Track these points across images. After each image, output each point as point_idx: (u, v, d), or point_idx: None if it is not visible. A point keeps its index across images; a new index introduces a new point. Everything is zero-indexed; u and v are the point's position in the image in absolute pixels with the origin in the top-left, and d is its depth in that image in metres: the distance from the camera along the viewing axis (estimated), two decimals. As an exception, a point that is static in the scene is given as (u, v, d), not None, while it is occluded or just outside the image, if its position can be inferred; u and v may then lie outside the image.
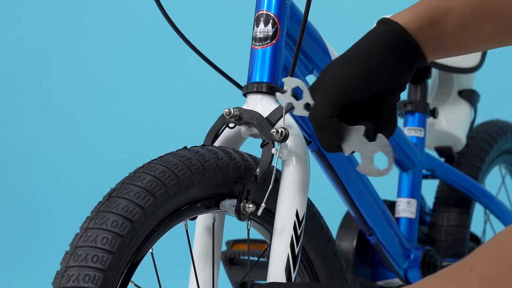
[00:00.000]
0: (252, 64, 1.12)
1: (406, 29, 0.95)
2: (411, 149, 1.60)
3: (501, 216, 1.88)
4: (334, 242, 1.25)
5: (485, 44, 0.99)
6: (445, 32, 0.96)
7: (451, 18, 0.95)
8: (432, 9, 0.96)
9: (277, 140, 1.03)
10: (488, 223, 1.95)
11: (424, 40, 0.96)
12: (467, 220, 1.77)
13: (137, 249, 0.91)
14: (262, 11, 1.13)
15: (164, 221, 0.95)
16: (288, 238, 1.03)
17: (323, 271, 1.23)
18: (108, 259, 0.87)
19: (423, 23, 0.96)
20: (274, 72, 1.12)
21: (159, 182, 0.94)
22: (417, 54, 0.96)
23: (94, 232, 0.88)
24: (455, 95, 1.81)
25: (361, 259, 1.64)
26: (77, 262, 0.87)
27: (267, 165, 1.03)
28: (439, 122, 1.77)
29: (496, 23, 0.95)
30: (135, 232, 0.90)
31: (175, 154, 0.99)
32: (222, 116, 1.08)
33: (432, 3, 0.97)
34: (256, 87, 1.10)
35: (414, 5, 0.98)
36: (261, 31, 1.13)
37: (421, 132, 1.68)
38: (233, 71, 1.20)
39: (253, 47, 1.13)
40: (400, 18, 0.97)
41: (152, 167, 0.96)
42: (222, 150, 1.03)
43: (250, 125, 1.07)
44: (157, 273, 0.97)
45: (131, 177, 0.95)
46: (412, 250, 1.55)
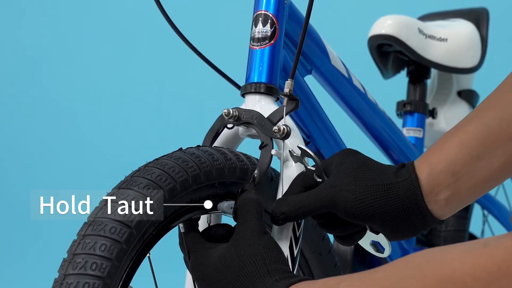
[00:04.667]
0: (250, 64, 1.11)
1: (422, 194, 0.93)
2: (410, 149, 1.60)
3: (499, 217, 1.88)
4: (328, 239, 1.25)
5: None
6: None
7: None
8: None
9: (279, 138, 1.02)
10: (486, 224, 1.95)
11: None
12: (465, 225, 1.77)
13: (135, 255, 0.90)
14: (261, 11, 1.12)
15: (161, 224, 0.94)
16: (287, 240, 1.02)
17: (317, 268, 1.23)
18: (107, 267, 0.86)
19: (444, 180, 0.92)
20: (273, 72, 1.11)
21: (156, 186, 0.93)
22: (428, 221, 0.94)
23: (92, 239, 0.87)
24: (454, 96, 1.80)
25: (359, 259, 1.63)
26: (75, 270, 0.86)
27: (266, 167, 1.02)
28: (438, 123, 1.77)
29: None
30: (133, 238, 0.89)
31: (171, 156, 0.98)
32: (221, 116, 1.07)
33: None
34: (254, 87, 1.10)
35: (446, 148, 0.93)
36: (260, 31, 1.12)
37: (420, 132, 1.67)
38: (232, 71, 1.20)
39: (252, 47, 1.12)
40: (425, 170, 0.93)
41: (149, 171, 0.95)
42: (217, 151, 1.02)
43: (249, 125, 1.06)
44: (154, 277, 0.96)
45: (128, 181, 0.94)
46: (410, 251, 1.55)
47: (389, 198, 0.93)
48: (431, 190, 0.92)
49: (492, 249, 0.73)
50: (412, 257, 0.78)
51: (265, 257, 0.90)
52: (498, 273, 0.72)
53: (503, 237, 0.73)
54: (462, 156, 0.89)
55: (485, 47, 1.79)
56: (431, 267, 0.75)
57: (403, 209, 0.92)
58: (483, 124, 0.88)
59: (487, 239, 0.75)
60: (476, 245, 0.74)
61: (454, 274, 0.74)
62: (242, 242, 0.91)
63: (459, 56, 1.73)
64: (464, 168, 0.90)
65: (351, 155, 0.98)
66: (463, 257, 0.74)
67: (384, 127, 1.49)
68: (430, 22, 1.76)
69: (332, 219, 0.99)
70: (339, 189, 0.94)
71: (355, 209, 0.93)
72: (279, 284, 0.87)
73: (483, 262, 0.72)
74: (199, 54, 1.18)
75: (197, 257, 0.94)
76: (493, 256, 0.72)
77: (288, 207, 0.97)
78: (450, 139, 0.91)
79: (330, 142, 1.28)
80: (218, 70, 1.20)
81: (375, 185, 0.93)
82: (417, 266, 0.77)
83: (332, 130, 1.29)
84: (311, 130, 1.25)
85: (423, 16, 1.86)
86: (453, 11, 1.86)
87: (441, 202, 0.92)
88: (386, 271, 0.80)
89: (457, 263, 0.74)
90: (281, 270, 0.89)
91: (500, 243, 0.73)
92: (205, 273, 0.92)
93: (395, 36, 1.63)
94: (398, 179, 0.93)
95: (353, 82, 1.38)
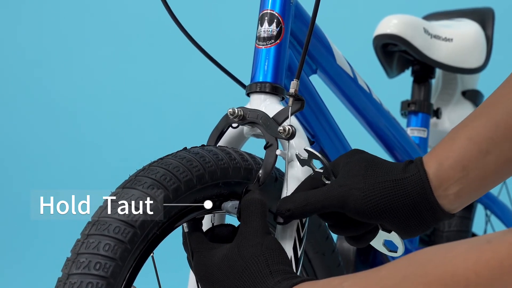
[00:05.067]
0: (256, 63, 1.11)
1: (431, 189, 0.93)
2: (414, 149, 1.59)
3: (502, 217, 1.88)
4: (332, 239, 1.25)
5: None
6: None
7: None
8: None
9: (284, 138, 1.02)
10: (489, 224, 1.95)
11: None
12: (468, 225, 1.77)
13: (139, 255, 0.90)
14: (267, 10, 1.12)
15: (165, 224, 0.94)
16: (291, 241, 1.01)
17: (321, 268, 1.23)
18: (110, 266, 0.86)
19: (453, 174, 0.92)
20: (278, 72, 1.11)
21: (160, 186, 0.93)
22: (438, 215, 0.94)
23: (96, 239, 0.87)
24: (459, 96, 1.80)
25: (362, 259, 1.63)
26: (79, 270, 0.85)
27: (271, 167, 1.02)
28: (443, 123, 1.77)
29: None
30: (137, 237, 0.89)
31: (175, 156, 0.98)
32: (226, 116, 1.07)
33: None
34: (260, 87, 1.09)
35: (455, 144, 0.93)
36: (265, 30, 1.11)
37: (424, 132, 1.67)
38: (237, 70, 1.19)
39: (257, 47, 1.11)
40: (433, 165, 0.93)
41: (153, 170, 0.94)
42: (222, 151, 1.02)
43: (254, 125, 1.06)
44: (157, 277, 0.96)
45: (132, 180, 0.93)
46: (413, 251, 1.54)
47: (398, 193, 0.93)
48: (440, 185, 0.92)
49: (495, 245, 0.73)
50: (415, 255, 0.79)
51: (268, 257, 0.90)
52: (500, 269, 0.72)
53: (506, 232, 0.74)
54: (471, 151, 0.90)
55: (490, 47, 1.79)
56: (433, 265, 0.75)
57: (412, 204, 0.92)
58: (491, 119, 0.89)
59: (491, 235, 0.75)
60: (479, 242, 0.75)
61: (456, 271, 0.74)
62: (245, 243, 0.91)
63: (464, 56, 1.72)
64: (473, 163, 0.90)
65: (357, 154, 0.98)
66: (466, 254, 0.74)
67: (388, 127, 1.49)
68: (435, 22, 1.76)
69: (341, 220, 0.99)
70: (348, 188, 0.94)
71: (364, 207, 0.93)
72: (281, 285, 0.87)
73: (486, 259, 0.73)
74: (205, 53, 1.18)
75: (200, 257, 0.94)
76: (496, 252, 0.73)
77: (294, 204, 0.97)
78: (458, 134, 0.91)
79: (335, 142, 1.28)
80: (224, 69, 1.19)
81: (384, 181, 0.93)
82: (420, 263, 0.77)
83: (337, 130, 1.29)
84: (316, 130, 1.24)
85: (428, 16, 1.86)
86: (458, 11, 1.86)
87: (450, 196, 0.92)
88: (389, 269, 0.80)
89: (460, 260, 0.74)
90: (284, 271, 0.89)
91: (504, 239, 0.73)
92: (208, 273, 0.92)
93: (400, 36, 1.63)
94: (406, 174, 0.93)
95: (358, 81, 1.37)
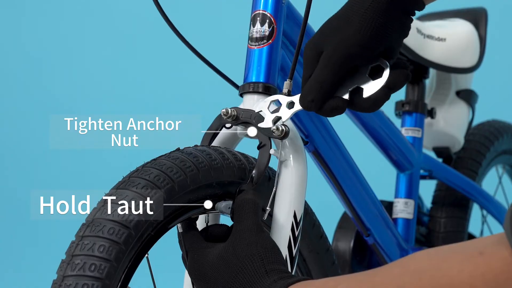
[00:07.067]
0: (249, 64, 1.11)
1: None
2: (409, 149, 1.60)
3: (498, 217, 1.88)
4: (326, 238, 1.25)
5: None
6: None
7: None
8: None
9: (277, 138, 1.02)
10: (485, 223, 1.95)
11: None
12: (464, 226, 1.77)
13: (134, 255, 0.90)
14: (259, 10, 1.12)
15: (160, 225, 0.94)
16: (286, 240, 1.02)
17: (315, 267, 1.23)
18: (106, 268, 0.86)
19: None
20: (271, 72, 1.11)
21: (154, 186, 0.93)
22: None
23: (91, 240, 0.87)
24: (453, 95, 1.80)
25: (358, 259, 1.64)
26: (74, 271, 0.85)
27: (264, 167, 1.02)
28: (437, 123, 1.77)
29: None
30: (132, 238, 0.89)
31: (168, 156, 0.98)
32: (219, 116, 1.07)
33: None
34: (253, 87, 1.10)
35: None
36: (258, 31, 1.12)
37: (418, 132, 1.67)
38: (230, 71, 1.19)
39: (250, 47, 1.12)
40: None
41: (147, 171, 0.94)
42: (215, 151, 1.02)
43: (247, 125, 1.06)
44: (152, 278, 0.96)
45: (126, 181, 0.93)
46: (409, 251, 1.55)
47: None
48: None
49: (489, 258, 0.73)
50: (409, 262, 0.78)
51: (263, 257, 0.90)
52: (495, 282, 0.72)
53: (496, 243, 0.74)
54: None
55: (484, 47, 1.79)
56: (428, 275, 0.75)
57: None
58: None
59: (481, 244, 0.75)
60: (471, 251, 0.74)
61: (452, 282, 0.74)
62: (240, 242, 0.91)
63: (457, 55, 1.73)
64: None
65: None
66: (460, 265, 0.74)
67: (382, 127, 1.49)
68: (428, 22, 1.76)
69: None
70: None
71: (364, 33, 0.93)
72: (277, 284, 0.87)
73: (481, 272, 0.73)
74: (197, 54, 1.18)
75: (195, 257, 0.94)
76: (490, 266, 0.72)
77: (311, 94, 0.96)
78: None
79: (329, 142, 1.28)
80: (217, 70, 1.19)
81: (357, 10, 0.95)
82: (415, 273, 0.77)
83: (331, 130, 1.29)
84: (310, 130, 1.25)
85: (422, 16, 1.86)
86: (452, 11, 1.86)
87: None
88: (384, 276, 0.79)
89: (455, 272, 0.74)
90: (279, 270, 0.89)
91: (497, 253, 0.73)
92: (203, 272, 0.92)
93: (393, 36, 1.63)
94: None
95: (351, 82, 1.37)
